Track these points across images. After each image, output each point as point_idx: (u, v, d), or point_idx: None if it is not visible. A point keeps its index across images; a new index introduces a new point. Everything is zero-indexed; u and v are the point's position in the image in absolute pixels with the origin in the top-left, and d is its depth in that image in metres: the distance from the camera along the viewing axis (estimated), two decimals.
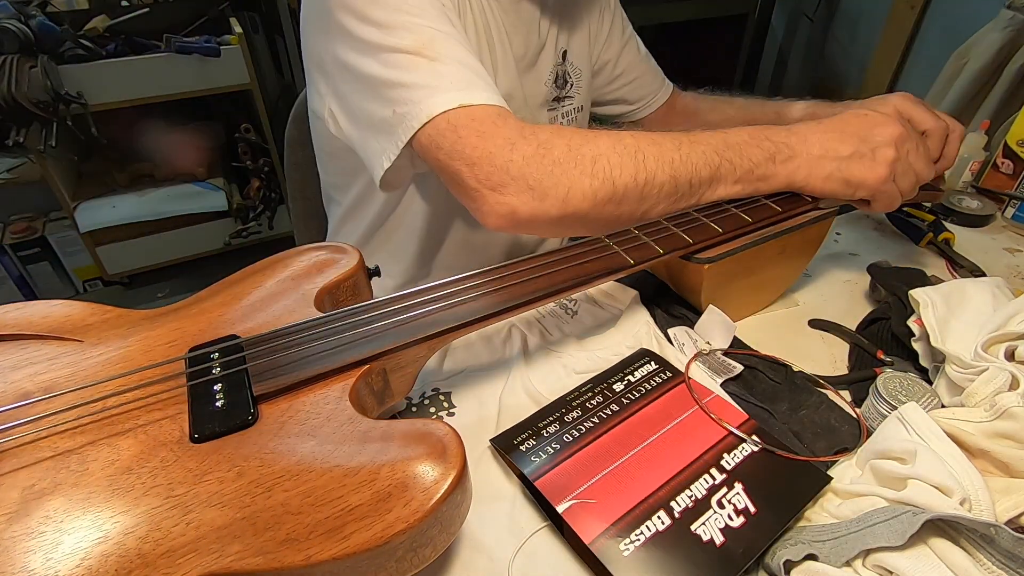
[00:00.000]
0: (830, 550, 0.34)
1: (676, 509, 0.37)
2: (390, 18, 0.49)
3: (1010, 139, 0.76)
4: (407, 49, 0.48)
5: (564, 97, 0.72)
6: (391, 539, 0.28)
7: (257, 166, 1.81)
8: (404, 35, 0.49)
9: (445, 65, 0.48)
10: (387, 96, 0.49)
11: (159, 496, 0.29)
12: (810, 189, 0.51)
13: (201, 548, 0.27)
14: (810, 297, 0.62)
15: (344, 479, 0.30)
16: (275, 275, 0.45)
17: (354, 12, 0.50)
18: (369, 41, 0.49)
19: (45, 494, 0.29)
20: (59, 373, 0.36)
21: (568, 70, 0.71)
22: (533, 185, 0.45)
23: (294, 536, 0.28)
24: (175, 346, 0.39)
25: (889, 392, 0.44)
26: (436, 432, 0.32)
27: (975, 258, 0.66)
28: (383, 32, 0.49)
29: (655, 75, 0.85)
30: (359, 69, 0.51)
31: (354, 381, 0.36)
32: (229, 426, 0.33)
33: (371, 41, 0.49)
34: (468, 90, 0.47)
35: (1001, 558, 0.31)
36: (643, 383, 0.48)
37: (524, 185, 0.45)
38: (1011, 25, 1.19)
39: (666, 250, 0.48)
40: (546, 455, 0.41)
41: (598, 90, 0.83)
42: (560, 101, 0.72)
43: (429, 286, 0.43)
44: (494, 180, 0.45)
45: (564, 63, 0.71)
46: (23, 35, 1.32)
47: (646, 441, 0.42)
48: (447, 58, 0.48)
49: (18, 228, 1.67)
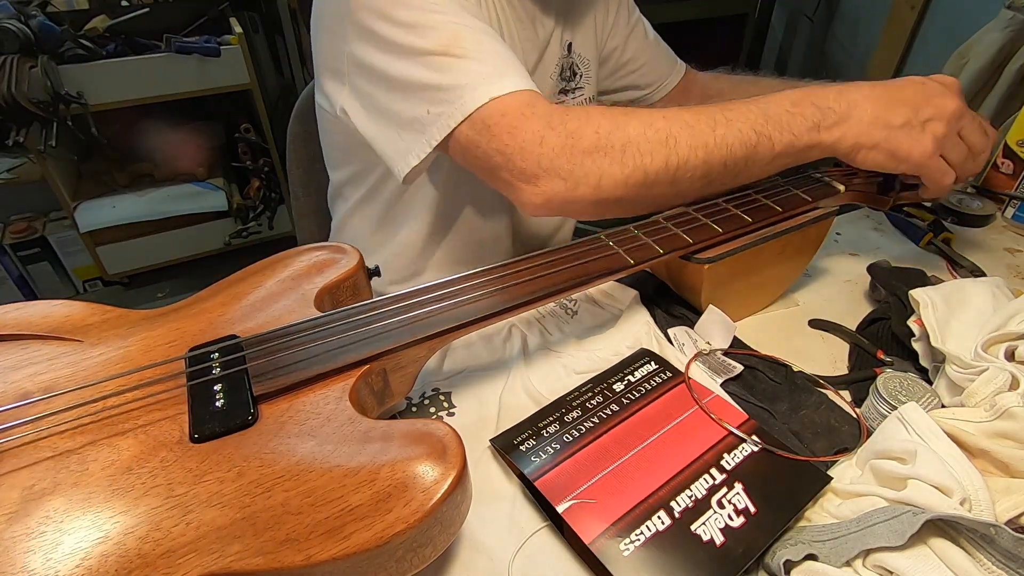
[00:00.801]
0: (830, 550, 0.34)
1: (676, 509, 0.37)
2: (416, 18, 0.49)
3: (1010, 139, 0.76)
4: (435, 50, 0.49)
5: (573, 89, 0.72)
6: (391, 539, 0.28)
7: (257, 166, 1.81)
8: (431, 34, 0.49)
9: (473, 61, 0.48)
10: (419, 96, 0.50)
11: (159, 496, 0.29)
12: (853, 158, 0.49)
13: (201, 548, 0.27)
14: (810, 297, 0.62)
15: (344, 479, 0.30)
16: (275, 275, 0.45)
17: (379, 13, 0.50)
18: (397, 42, 0.50)
19: (45, 494, 0.29)
20: (59, 373, 0.36)
21: (575, 62, 0.71)
22: (565, 176, 0.46)
23: (294, 536, 0.28)
24: (175, 346, 0.39)
25: (889, 392, 0.44)
26: (436, 432, 0.32)
27: (975, 258, 0.66)
28: (410, 33, 0.49)
29: (666, 57, 0.84)
30: (386, 70, 0.51)
31: (354, 381, 0.36)
32: (229, 426, 0.33)
33: (399, 42, 0.50)
34: (498, 80, 0.48)
35: (1001, 558, 0.31)
36: (643, 383, 0.47)
37: (556, 176, 0.46)
38: (1011, 25, 1.19)
39: (666, 250, 0.48)
40: (546, 455, 0.41)
41: (607, 78, 0.82)
42: (568, 93, 0.72)
43: (428, 286, 0.43)
44: (528, 173, 0.47)
45: (570, 55, 0.70)
46: (23, 35, 1.32)
47: (646, 441, 0.42)
48: (475, 52, 0.49)
49: (18, 228, 1.67)
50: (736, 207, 0.53)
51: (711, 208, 0.53)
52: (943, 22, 1.47)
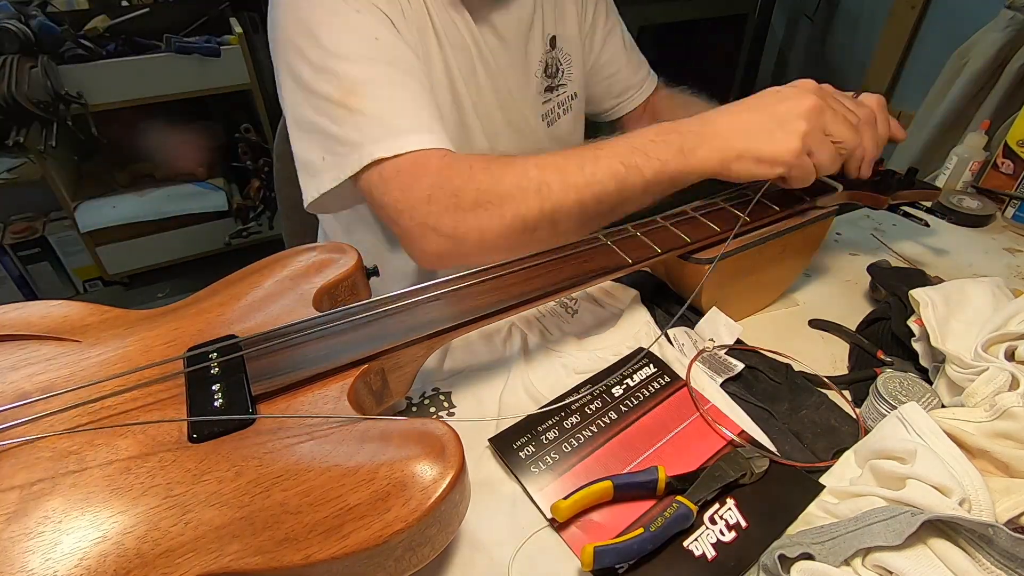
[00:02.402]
0: (828, 550, 0.34)
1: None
2: (323, 60, 0.51)
3: (1010, 139, 0.76)
4: (334, 98, 0.50)
5: (556, 86, 0.71)
6: (390, 538, 0.28)
7: (257, 166, 1.81)
8: (333, 81, 0.50)
9: (369, 117, 0.50)
10: (316, 141, 0.52)
11: (157, 496, 0.29)
12: (728, 174, 0.49)
13: (200, 548, 0.27)
14: (810, 297, 0.62)
15: (342, 479, 0.30)
16: (273, 275, 0.45)
17: (295, 47, 0.52)
18: (304, 80, 0.52)
19: (44, 494, 0.29)
20: (57, 373, 0.36)
21: (559, 57, 0.70)
22: (450, 234, 0.49)
23: (293, 536, 0.28)
24: (173, 346, 0.39)
25: (889, 392, 0.44)
26: (435, 431, 0.32)
27: (975, 258, 0.66)
28: (316, 74, 0.51)
29: (638, 68, 0.82)
30: (294, 107, 0.54)
31: (352, 381, 0.36)
32: (227, 426, 0.33)
33: (305, 80, 0.51)
34: (392, 139, 0.49)
35: (1000, 558, 0.31)
36: (642, 388, 0.48)
37: (442, 235, 0.49)
38: (1011, 25, 1.19)
39: (664, 249, 0.48)
40: (545, 466, 0.42)
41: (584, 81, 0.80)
42: (553, 91, 0.71)
43: (426, 285, 0.43)
44: (416, 232, 0.50)
45: (553, 50, 0.69)
46: (23, 35, 1.32)
47: (643, 455, 0.43)
48: (373, 107, 0.50)
49: (18, 228, 1.67)
50: (734, 206, 0.53)
51: (709, 207, 0.53)
52: (943, 22, 1.47)
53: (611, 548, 0.34)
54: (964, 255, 0.69)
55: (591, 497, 0.38)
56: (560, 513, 0.37)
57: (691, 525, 0.37)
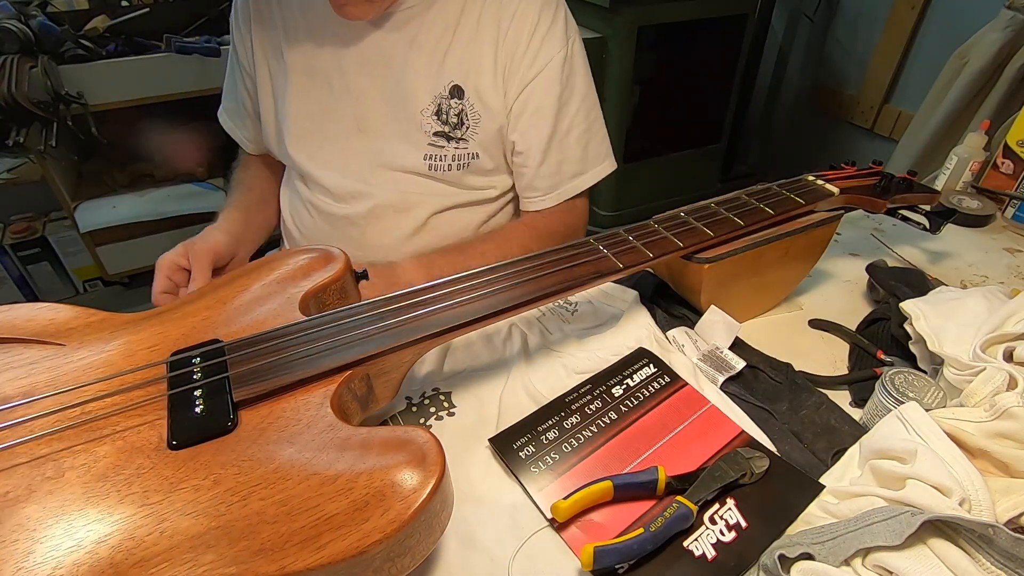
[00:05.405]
0: (828, 550, 0.33)
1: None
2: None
3: (1010, 139, 0.75)
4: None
5: (457, 138, 0.66)
6: (367, 549, 0.27)
7: None
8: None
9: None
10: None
11: (134, 504, 0.29)
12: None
13: (174, 558, 0.27)
14: (810, 297, 0.61)
15: (321, 487, 0.29)
16: (261, 278, 0.44)
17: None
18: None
19: (19, 501, 0.29)
20: (39, 378, 0.36)
21: (465, 110, 0.64)
22: None
23: (269, 546, 0.27)
24: (157, 350, 0.38)
25: (897, 387, 0.43)
26: (416, 440, 0.31)
27: (975, 258, 0.65)
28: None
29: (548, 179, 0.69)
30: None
31: (336, 387, 0.36)
32: (208, 433, 0.32)
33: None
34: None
35: (1000, 558, 0.31)
36: (642, 388, 0.47)
37: None
38: (1011, 25, 1.18)
39: (656, 254, 0.47)
40: (545, 466, 0.41)
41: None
42: (449, 140, 0.65)
43: (414, 290, 0.42)
44: None
45: (452, 99, 0.64)
46: (23, 35, 1.32)
47: (642, 456, 0.42)
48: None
49: (18, 228, 1.67)
50: (728, 211, 0.52)
51: (703, 212, 0.52)
52: (943, 22, 1.45)
53: (611, 548, 0.34)
54: (964, 255, 0.68)
55: (591, 497, 0.38)
56: (560, 513, 0.37)
57: (691, 525, 0.37)
